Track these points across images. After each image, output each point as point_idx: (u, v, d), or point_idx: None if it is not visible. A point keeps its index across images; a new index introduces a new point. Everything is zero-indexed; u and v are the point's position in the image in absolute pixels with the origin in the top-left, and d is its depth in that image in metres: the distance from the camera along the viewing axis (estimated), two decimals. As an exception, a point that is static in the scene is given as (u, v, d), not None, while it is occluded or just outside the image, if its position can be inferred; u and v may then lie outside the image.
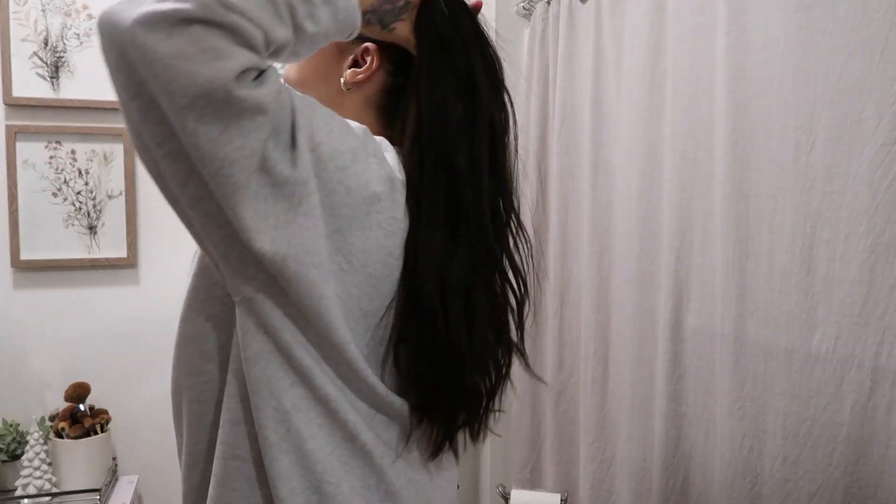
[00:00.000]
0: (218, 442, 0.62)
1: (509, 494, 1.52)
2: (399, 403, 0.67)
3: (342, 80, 0.75)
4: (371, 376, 0.64)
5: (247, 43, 0.51)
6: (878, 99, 0.92)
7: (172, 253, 1.99)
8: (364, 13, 0.64)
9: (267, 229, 0.55)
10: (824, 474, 0.99)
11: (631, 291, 1.44)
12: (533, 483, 1.84)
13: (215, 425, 0.63)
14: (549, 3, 1.76)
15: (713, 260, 1.21)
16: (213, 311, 0.63)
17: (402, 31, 0.70)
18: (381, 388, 0.65)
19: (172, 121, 0.51)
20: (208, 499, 0.62)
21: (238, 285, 0.58)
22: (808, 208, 1.02)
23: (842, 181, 0.97)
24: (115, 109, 1.91)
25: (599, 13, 1.56)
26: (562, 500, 1.49)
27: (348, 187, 0.60)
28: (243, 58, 0.51)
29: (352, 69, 0.75)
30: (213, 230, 0.56)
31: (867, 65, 0.93)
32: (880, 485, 0.92)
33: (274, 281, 0.57)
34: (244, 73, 0.51)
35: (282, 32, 0.54)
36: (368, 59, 0.74)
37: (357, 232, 0.61)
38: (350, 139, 0.62)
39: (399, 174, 0.65)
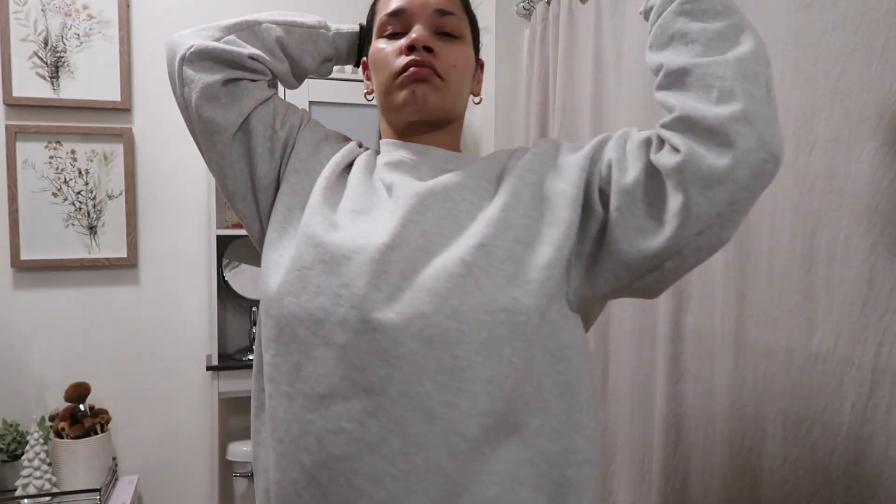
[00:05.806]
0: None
1: (509, 494, 1.52)
2: None
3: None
4: None
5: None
6: (878, 99, 0.92)
7: (172, 253, 2.00)
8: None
9: None
10: (824, 474, 0.99)
11: (631, 291, 1.44)
12: (533, 483, 1.83)
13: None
14: (549, 3, 1.76)
15: (713, 260, 1.21)
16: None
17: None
18: None
19: None
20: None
21: (593, 299, 0.74)
22: (808, 208, 1.02)
23: (842, 181, 0.97)
24: (114, 109, 1.92)
25: (599, 13, 1.56)
26: (562, 500, 1.49)
27: None
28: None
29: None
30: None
31: (867, 65, 0.93)
32: (880, 485, 0.92)
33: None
34: None
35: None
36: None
37: None
38: None
39: None
